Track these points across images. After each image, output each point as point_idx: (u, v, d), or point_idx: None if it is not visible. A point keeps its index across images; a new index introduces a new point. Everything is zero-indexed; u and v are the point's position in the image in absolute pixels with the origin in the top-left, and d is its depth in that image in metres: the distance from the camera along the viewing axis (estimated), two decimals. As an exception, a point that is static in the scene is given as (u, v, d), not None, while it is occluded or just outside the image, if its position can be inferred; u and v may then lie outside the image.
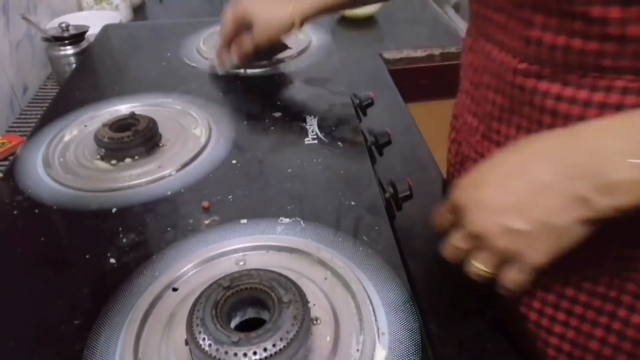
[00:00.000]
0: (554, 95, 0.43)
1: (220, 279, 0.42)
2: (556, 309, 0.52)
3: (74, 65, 0.96)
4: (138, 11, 1.43)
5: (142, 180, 0.61)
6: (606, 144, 0.34)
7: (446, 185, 0.74)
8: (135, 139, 0.65)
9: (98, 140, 0.65)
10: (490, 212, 0.37)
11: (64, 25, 0.98)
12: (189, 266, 0.48)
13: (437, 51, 1.18)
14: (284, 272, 0.43)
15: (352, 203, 0.56)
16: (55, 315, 0.45)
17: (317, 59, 0.88)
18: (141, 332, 0.43)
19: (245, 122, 0.71)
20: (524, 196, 0.36)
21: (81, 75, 0.89)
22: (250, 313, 0.43)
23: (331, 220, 0.53)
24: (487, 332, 0.55)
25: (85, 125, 0.72)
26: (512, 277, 0.38)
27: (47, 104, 0.91)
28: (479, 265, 0.40)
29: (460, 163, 0.64)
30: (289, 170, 0.61)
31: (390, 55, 1.17)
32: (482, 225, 0.37)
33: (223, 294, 0.40)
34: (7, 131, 0.92)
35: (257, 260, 0.49)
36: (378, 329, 0.42)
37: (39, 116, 0.82)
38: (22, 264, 0.51)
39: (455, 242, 0.41)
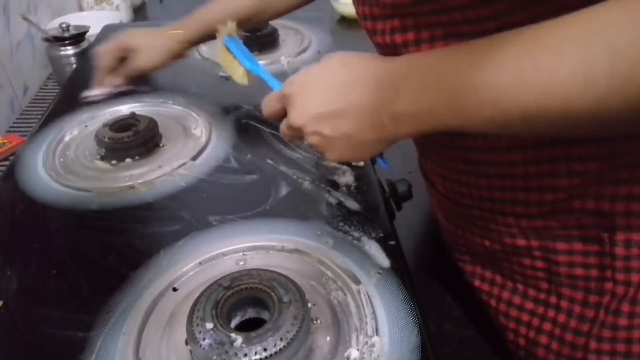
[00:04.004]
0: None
1: (220, 279, 0.42)
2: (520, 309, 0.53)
3: (74, 66, 0.96)
4: (138, 11, 1.43)
5: (143, 180, 0.61)
6: (402, 78, 0.39)
7: None
8: (136, 139, 0.65)
9: (98, 140, 0.65)
10: (307, 114, 0.43)
11: (64, 25, 0.98)
12: (189, 266, 0.48)
13: (437, 51, 1.18)
14: (284, 272, 0.43)
15: (352, 203, 0.56)
16: (55, 315, 0.45)
17: (317, 59, 0.88)
18: (141, 332, 0.43)
19: (245, 122, 0.71)
20: (341, 111, 0.41)
21: (81, 75, 0.89)
22: (250, 313, 0.43)
23: (331, 220, 0.53)
24: (487, 332, 0.55)
25: (86, 126, 0.73)
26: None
27: (47, 104, 0.91)
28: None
29: None
30: (290, 171, 0.61)
31: (390, 55, 1.17)
32: (299, 123, 0.43)
33: (223, 293, 0.40)
34: (8, 131, 0.92)
35: (257, 260, 0.49)
36: (378, 329, 0.42)
37: (39, 116, 0.82)
38: (22, 263, 0.51)
39: (283, 127, 0.47)
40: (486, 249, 0.53)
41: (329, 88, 0.42)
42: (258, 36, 0.91)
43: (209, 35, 0.72)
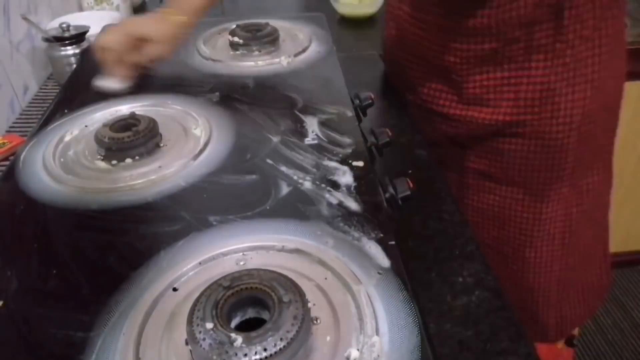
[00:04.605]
0: None
1: (220, 278, 0.42)
2: None
3: (74, 66, 0.96)
4: (138, 11, 1.43)
5: (143, 180, 0.61)
6: None
7: None
8: (136, 139, 0.65)
9: (98, 140, 0.65)
10: None
11: (64, 25, 0.98)
12: (189, 266, 0.48)
13: (437, 51, 1.18)
14: (284, 272, 0.43)
15: (352, 203, 0.56)
16: (55, 315, 0.45)
17: (317, 59, 0.88)
18: (141, 332, 0.43)
19: (245, 122, 0.71)
20: None
21: (82, 75, 0.89)
22: (250, 313, 0.43)
23: (331, 220, 0.53)
24: (487, 332, 0.55)
25: (86, 126, 0.73)
26: None
27: (47, 104, 0.91)
28: None
29: None
30: (290, 171, 0.61)
31: (390, 55, 1.17)
32: None
33: (223, 293, 0.40)
34: (8, 131, 0.93)
35: (258, 260, 0.49)
36: (378, 329, 0.42)
37: (39, 116, 0.82)
38: (22, 263, 0.51)
39: None
40: None
41: None
42: (258, 36, 0.91)
43: (208, 6, 0.74)
